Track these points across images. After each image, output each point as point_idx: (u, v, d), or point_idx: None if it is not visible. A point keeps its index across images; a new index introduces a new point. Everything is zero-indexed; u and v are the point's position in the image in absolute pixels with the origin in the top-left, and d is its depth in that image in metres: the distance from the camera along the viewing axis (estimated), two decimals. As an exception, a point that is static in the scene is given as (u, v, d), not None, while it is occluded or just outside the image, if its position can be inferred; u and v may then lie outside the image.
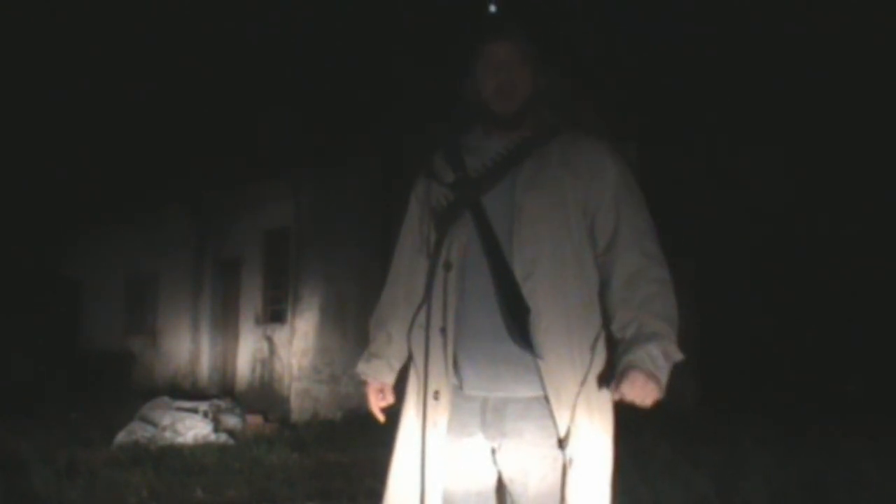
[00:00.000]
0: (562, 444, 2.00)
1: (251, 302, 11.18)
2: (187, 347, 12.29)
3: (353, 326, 9.80)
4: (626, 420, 2.23)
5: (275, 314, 10.75)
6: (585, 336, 2.04)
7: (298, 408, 9.86)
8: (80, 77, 14.19)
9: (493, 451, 2.08)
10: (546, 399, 2.01)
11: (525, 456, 2.03)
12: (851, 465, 5.62)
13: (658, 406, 2.02)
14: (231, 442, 7.90)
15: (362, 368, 2.30)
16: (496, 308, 2.02)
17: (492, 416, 2.05)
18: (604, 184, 2.08)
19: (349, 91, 10.69)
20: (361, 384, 2.34)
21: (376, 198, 9.93)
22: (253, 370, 10.91)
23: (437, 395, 2.06)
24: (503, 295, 2.01)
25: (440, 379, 2.06)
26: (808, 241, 12.80)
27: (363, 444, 7.19)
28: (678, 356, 2.00)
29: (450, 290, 2.07)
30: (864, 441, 6.63)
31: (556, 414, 2.00)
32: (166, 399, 8.57)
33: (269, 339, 10.66)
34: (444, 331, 2.06)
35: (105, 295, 14.75)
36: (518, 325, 1.98)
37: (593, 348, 2.04)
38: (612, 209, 2.07)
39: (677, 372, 2.07)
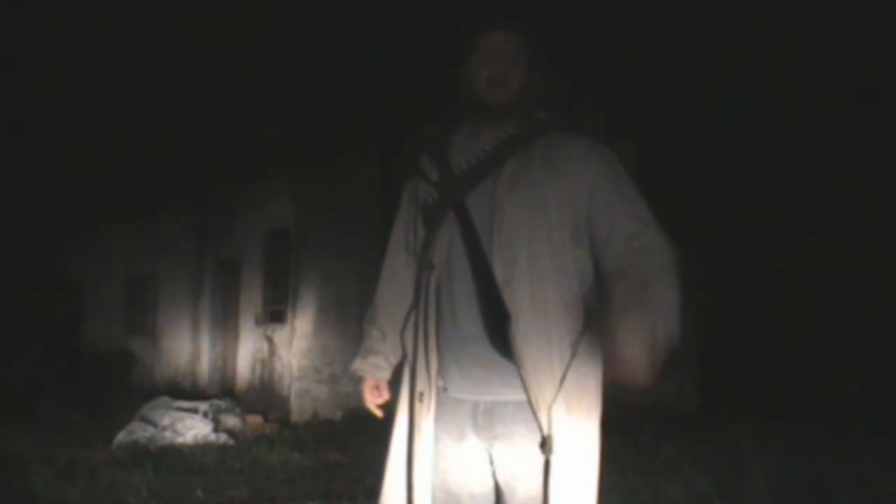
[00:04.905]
0: (543, 446, 1.98)
1: (251, 302, 11.17)
2: (187, 347, 12.29)
3: (353, 326, 9.79)
4: (627, 420, 2.22)
5: (275, 314, 10.74)
6: (565, 339, 2.00)
7: (298, 408, 9.85)
8: (80, 77, 14.19)
9: (489, 454, 2.08)
10: (528, 395, 2.00)
11: (515, 459, 2.03)
12: (851, 465, 5.61)
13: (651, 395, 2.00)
14: (231, 442, 7.90)
15: (358, 365, 2.31)
16: (480, 311, 2.02)
17: (483, 419, 2.05)
18: (588, 183, 2.04)
19: (349, 91, 10.70)
20: (359, 382, 2.35)
21: (376, 197, 9.92)
22: (253, 370, 10.91)
23: (420, 397, 2.07)
24: (485, 301, 2.01)
25: (424, 380, 2.07)
26: (809, 242, 12.80)
27: (363, 444, 7.19)
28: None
29: (431, 292, 2.07)
30: (864, 441, 6.63)
31: (538, 417, 1.98)
32: (166, 399, 8.58)
33: (269, 339, 10.65)
34: (426, 332, 2.07)
35: (105, 295, 14.75)
36: (499, 332, 1.98)
37: (574, 350, 2.01)
38: (603, 208, 2.04)
39: (677, 372, 2.07)
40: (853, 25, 11.36)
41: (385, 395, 2.30)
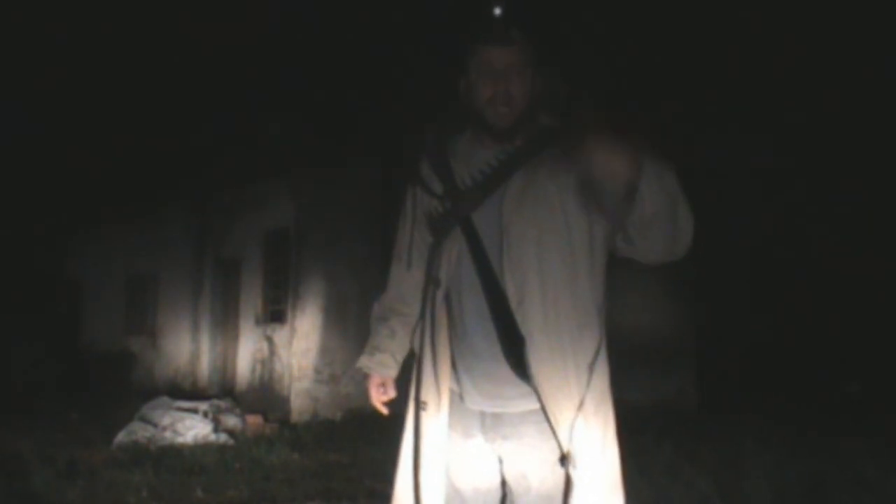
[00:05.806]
0: (563, 461, 1.98)
1: (251, 302, 11.17)
2: (187, 347, 12.29)
3: (353, 326, 9.80)
4: (627, 420, 2.21)
5: (275, 314, 10.74)
6: (581, 358, 1.99)
7: (298, 408, 9.86)
8: (80, 77, 14.19)
9: (497, 455, 2.09)
10: (543, 410, 2.00)
11: (525, 459, 2.03)
12: (851, 465, 5.62)
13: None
14: (231, 442, 7.90)
15: (364, 362, 2.29)
16: (492, 330, 2.00)
17: (491, 422, 2.06)
18: None
19: (348, 90, 10.69)
20: (362, 382, 2.33)
21: (376, 198, 9.93)
22: (253, 370, 10.91)
23: (424, 406, 2.07)
24: (498, 322, 1.99)
25: (429, 390, 2.07)
26: (809, 242, 12.80)
27: (363, 444, 7.19)
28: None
29: (438, 307, 2.06)
30: (864, 441, 6.64)
31: (558, 433, 1.98)
32: (166, 399, 8.56)
33: (269, 339, 10.66)
34: (434, 344, 2.06)
35: (105, 295, 14.74)
36: (514, 354, 1.96)
37: (591, 368, 2.00)
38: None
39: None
40: (853, 25, 11.36)
41: (391, 393, 2.29)
